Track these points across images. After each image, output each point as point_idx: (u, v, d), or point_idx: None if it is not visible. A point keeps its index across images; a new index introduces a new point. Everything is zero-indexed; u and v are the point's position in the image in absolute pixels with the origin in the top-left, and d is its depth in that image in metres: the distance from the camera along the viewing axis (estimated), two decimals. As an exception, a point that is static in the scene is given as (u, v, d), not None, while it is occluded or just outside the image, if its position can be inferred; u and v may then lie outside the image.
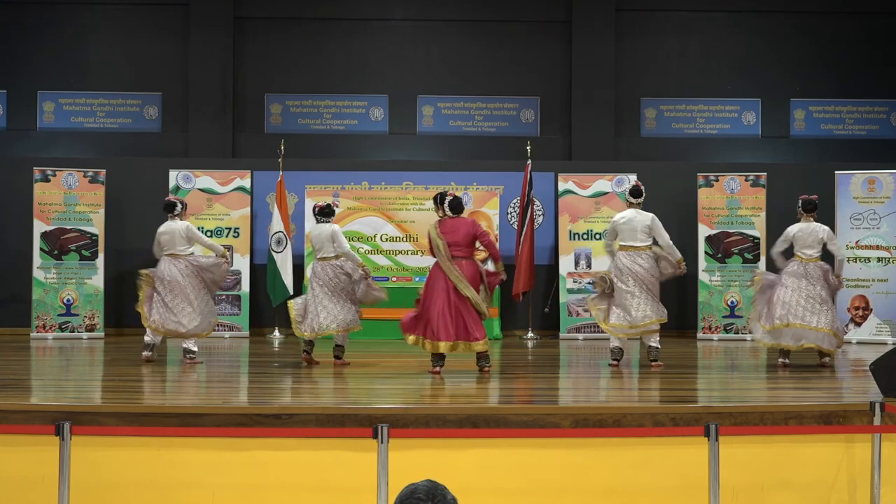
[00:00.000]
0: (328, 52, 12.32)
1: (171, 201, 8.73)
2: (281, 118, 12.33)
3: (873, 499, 5.74)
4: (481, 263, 8.14)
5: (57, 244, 10.93)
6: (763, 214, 11.06)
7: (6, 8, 12.14)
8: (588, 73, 12.23)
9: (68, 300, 10.90)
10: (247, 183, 11.37)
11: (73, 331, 10.88)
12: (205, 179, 11.29)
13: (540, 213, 11.55)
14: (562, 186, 11.35)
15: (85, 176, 11.07)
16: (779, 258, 8.53)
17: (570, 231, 11.29)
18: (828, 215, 10.04)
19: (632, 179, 10.99)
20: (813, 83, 12.48)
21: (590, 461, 5.64)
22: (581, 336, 11.02)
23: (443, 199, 7.96)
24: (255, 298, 11.34)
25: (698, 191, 11.18)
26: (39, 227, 10.91)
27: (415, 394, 6.96)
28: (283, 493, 5.58)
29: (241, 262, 11.26)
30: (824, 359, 8.32)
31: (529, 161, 11.18)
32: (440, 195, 8.03)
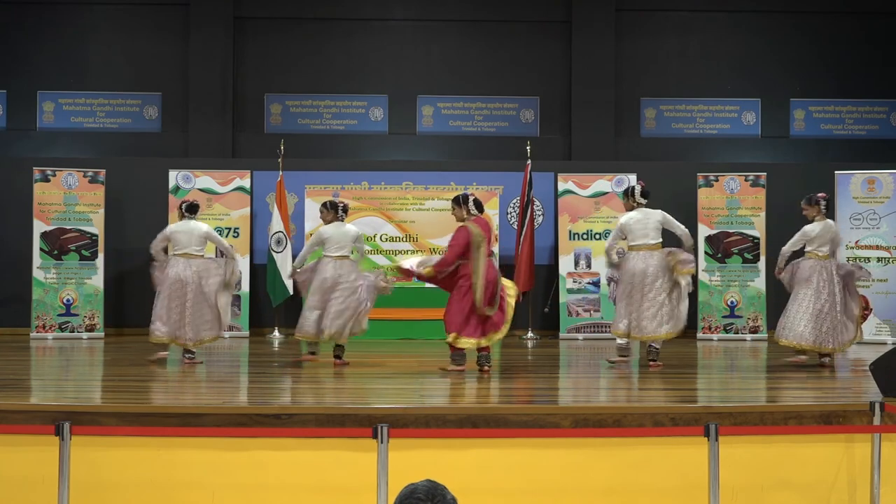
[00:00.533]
0: (328, 52, 12.32)
1: (196, 203, 8.81)
2: (281, 118, 12.33)
3: (873, 499, 5.74)
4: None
5: (57, 244, 10.93)
6: (763, 214, 11.06)
7: (6, 8, 12.13)
8: (588, 73, 12.23)
9: (68, 300, 10.90)
10: (247, 183, 11.37)
11: (73, 331, 10.87)
12: (204, 179, 11.29)
13: (540, 213, 11.55)
14: (561, 186, 11.35)
15: (85, 176, 11.07)
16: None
17: (570, 231, 11.29)
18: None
19: (632, 179, 10.99)
20: (813, 83, 12.48)
21: (590, 461, 5.64)
22: (581, 336, 11.02)
23: (466, 199, 8.01)
24: (255, 298, 11.35)
25: (698, 191, 11.18)
26: (39, 227, 10.91)
27: (415, 394, 6.96)
28: (283, 493, 5.58)
29: (241, 263, 11.23)
30: (824, 358, 8.33)
31: (529, 161, 11.18)
32: (463, 196, 8.06)
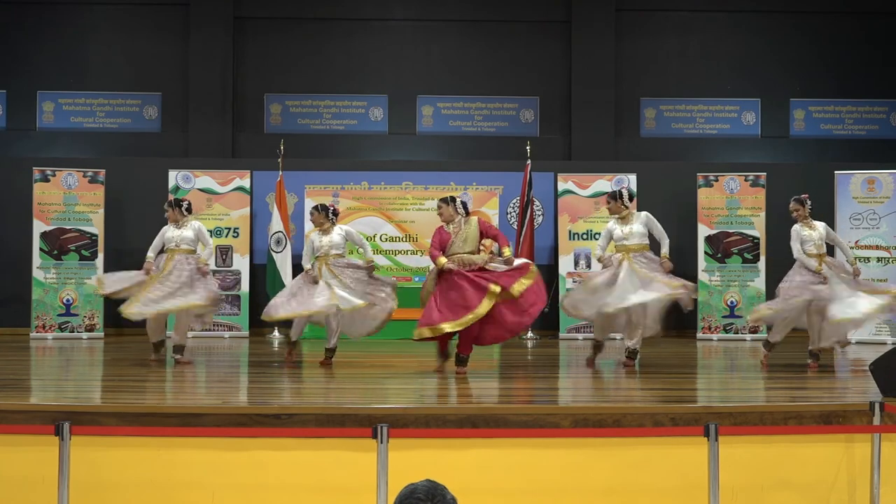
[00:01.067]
0: (328, 52, 12.32)
1: (183, 200, 8.85)
2: (281, 118, 12.33)
3: (873, 499, 5.74)
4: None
5: (56, 244, 10.93)
6: (763, 214, 11.06)
7: (6, 8, 12.13)
8: (588, 73, 12.23)
9: (68, 300, 10.90)
10: (246, 183, 11.37)
11: (73, 331, 10.88)
12: (204, 179, 11.29)
13: (539, 213, 11.54)
14: (561, 186, 11.35)
15: (84, 176, 11.07)
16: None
17: (570, 231, 11.29)
18: (828, 215, 10.05)
19: (632, 179, 11.00)
20: (813, 83, 12.48)
21: (590, 461, 5.64)
22: (581, 336, 11.01)
23: (454, 200, 8.04)
24: (255, 298, 11.32)
25: (698, 191, 11.18)
26: (39, 227, 10.91)
27: (415, 394, 6.97)
28: (283, 493, 5.58)
29: (241, 262, 11.26)
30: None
31: (529, 161, 11.18)
32: (451, 198, 8.06)
